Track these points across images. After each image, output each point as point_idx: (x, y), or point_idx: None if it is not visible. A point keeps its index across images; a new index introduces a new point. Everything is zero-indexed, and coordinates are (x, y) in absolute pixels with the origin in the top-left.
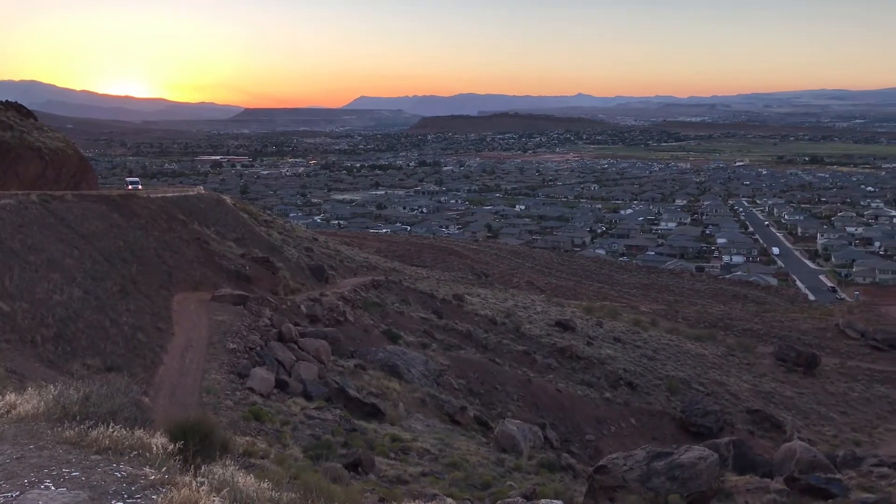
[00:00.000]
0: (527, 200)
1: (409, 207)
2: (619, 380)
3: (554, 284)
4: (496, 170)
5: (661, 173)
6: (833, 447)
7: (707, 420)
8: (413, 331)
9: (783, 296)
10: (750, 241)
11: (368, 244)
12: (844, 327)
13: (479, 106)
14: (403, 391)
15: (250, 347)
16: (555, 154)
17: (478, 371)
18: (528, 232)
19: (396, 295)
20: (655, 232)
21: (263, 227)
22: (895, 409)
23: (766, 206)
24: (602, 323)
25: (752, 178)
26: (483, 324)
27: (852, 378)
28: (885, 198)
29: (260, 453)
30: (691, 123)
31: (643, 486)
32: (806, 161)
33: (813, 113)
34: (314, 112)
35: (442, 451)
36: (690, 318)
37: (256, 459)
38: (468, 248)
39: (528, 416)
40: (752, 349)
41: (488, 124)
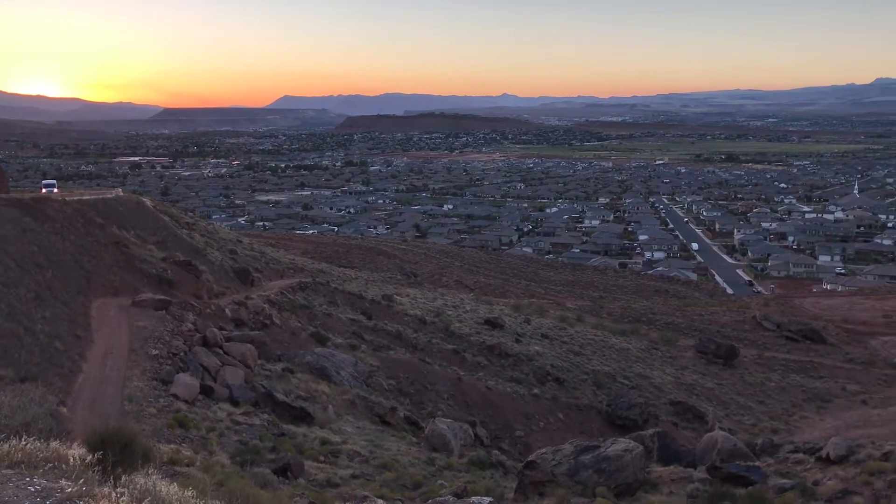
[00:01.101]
0: (454, 200)
1: (336, 208)
2: (546, 376)
3: (482, 283)
4: (423, 169)
5: (584, 172)
6: (752, 436)
7: (632, 413)
8: (342, 332)
9: (703, 290)
10: (670, 237)
11: (295, 245)
12: (761, 320)
13: (404, 105)
14: (333, 393)
15: (174, 353)
16: (481, 154)
17: (408, 371)
18: (457, 231)
19: (324, 296)
20: (580, 230)
21: (185, 229)
22: (809, 397)
23: (685, 203)
24: (530, 320)
25: (672, 177)
26: (413, 324)
27: (769, 368)
28: (797, 194)
29: (185, 461)
30: (613, 123)
31: (571, 480)
32: (722, 159)
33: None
34: (236, 112)
35: (372, 452)
36: (615, 313)
37: (182, 467)
38: (397, 249)
39: (458, 414)
40: (674, 342)
41: (415, 124)
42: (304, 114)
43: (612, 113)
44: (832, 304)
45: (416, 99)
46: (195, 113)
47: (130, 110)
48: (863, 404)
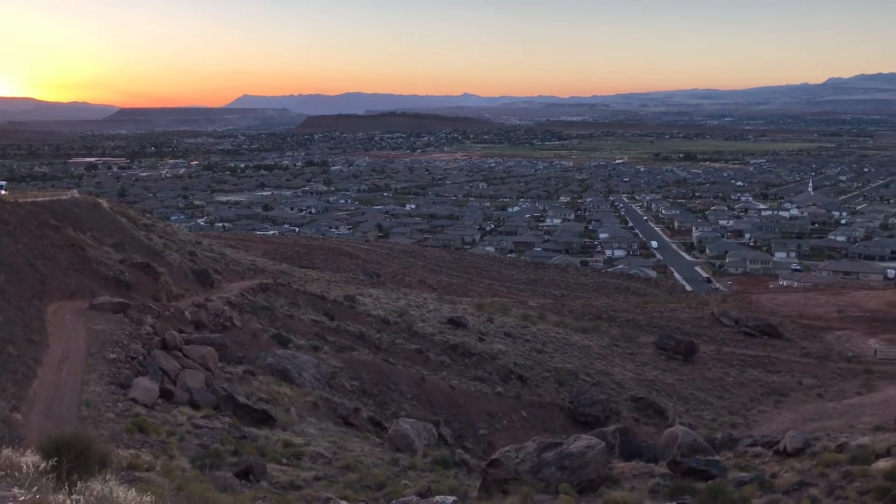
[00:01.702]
0: (417, 199)
1: (297, 208)
2: (510, 374)
3: (445, 282)
4: (385, 169)
5: (545, 171)
6: (712, 430)
7: (594, 409)
8: (304, 334)
9: (662, 287)
10: (630, 235)
11: (255, 246)
12: (719, 316)
13: (365, 105)
14: (295, 395)
15: (132, 357)
16: (443, 153)
17: (371, 372)
18: (419, 231)
19: (286, 298)
20: (542, 228)
21: (143, 231)
22: (767, 391)
23: (644, 201)
24: (493, 319)
25: (631, 175)
26: (376, 324)
27: (728, 364)
28: (753, 192)
29: (145, 466)
30: (573, 123)
31: (535, 477)
32: (680, 158)
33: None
34: (195, 111)
35: (336, 453)
36: (576, 311)
37: (141, 473)
38: (359, 249)
39: (422, 414)
40: (634, 339)
41: (376, 123)
42: (263, 113)
43: (572, 112)
44: (788, 300)
45: (377, 98)
46: (152, 113)
47: (85, 110)
48: (818, 398)
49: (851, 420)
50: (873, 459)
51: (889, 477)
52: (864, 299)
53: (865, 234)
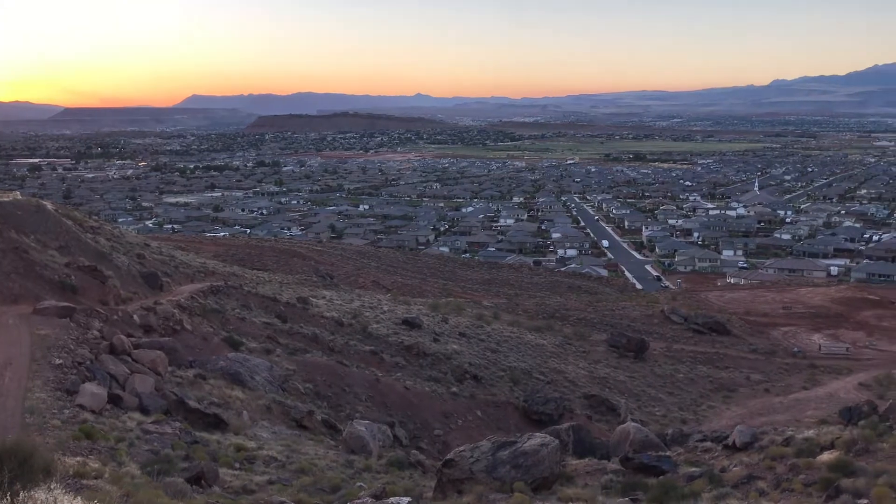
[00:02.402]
0: (370, 200)
1: (248, 209)
2: (464, 374)
3: (400, 283)
4: (338, 169)
5: (498, 172)
6: (663, 426)
7: (548, 407)
8: (256, 336)
9: (613, 286)
10: (582, 234)
11: (205, 248)
12: (669, 313)
13: (317, 105)
14: (247, 399)
15: (79, 362)
16: (396, 153)
17: (325, 374)
18: (373, 231)
19: (237, 300)
20: (495, 228)
21: (90, 233)
22: (716, 387)
23: (595, 201)
24: (447, 319)
25: (583, 176)
26: (329, 326)
27: (678, 360)
28: (701, 191)
29: (93, 473)
30: (525, 123)
31: (490, 476)
32: (630, 158)
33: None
34: (143, 111)
35: (289, 457)
36: (530, 310)
37: (89, 480)
38: (312, 250)
39: (377, 415)
40: (586, 337)
41: (328, 123)
42: (213, 113)
43: (524, 113)
44: (735, 297)
45: (329, 98)
46: (99, 113)
47: (28, 110)
48: (766, 392)
49: (797, 414)
50: (818, 452)
51: (833, 469)
52: (808, 296)
53: (809, 233)
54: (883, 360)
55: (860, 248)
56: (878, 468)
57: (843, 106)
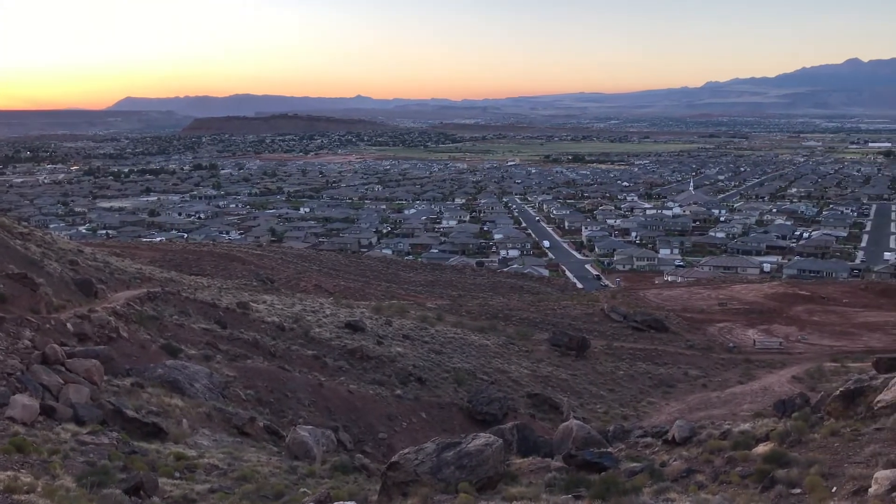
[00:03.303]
0: (311, 203)
1: (186, 213)
2: (409, 376)
3: (342, 286)
4: (277, 172)
5: (440, 173)
6: (604, 423)
7: (492, 407)
8: (195, 343)
9: (555, 285)
10: (523, 235)
11: (141, 254)
12: (609, 311)
13: (256, 107)
14: (187, 407)
15: (9, 373)
16: (337, 155)
17: (266, 380)
18: (314, 235)
19: (175, 307)
20: (438, 230)
21: (19, 240)
22: (656, 383)
23: (536, 202)
24: (391, 321)
25: (523, 177)
26: (270, 331)
27: (618, 358)
28: (638, 192)
29: (24, 488)
30: (466, 125)
31: (434, 478)
32: (569, 159)
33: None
34: (74, 114)
35: (231, 465)
36: (473, 311)
37: (20, 495)
38: (251, 254)
39: (320, 420)
40: (529, 337)
41: (267, 126)
42: (148, 116)
43: (464, 115)
44: (673, 295)
45: (267, 100)
46: (27, 115)
47: None
48: (703, 387)
49: (734, 408)
50: (754, 444)
51: (767, 460)
52: (742, 292)
53: (743, 231)
54: (814, 354)
55: (791, 246)
56: (810, 458)
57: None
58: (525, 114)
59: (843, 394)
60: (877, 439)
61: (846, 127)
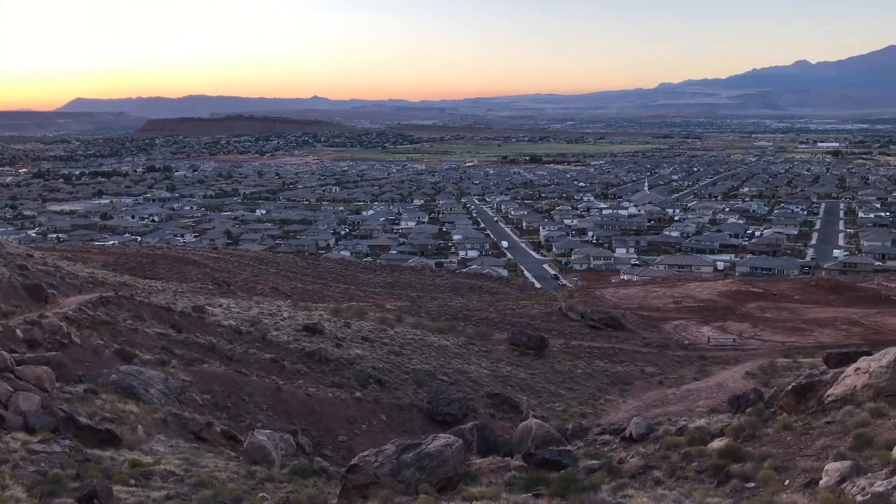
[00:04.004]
0: (267, 204)
1: (139, 216)
2: (368, 378)
3: (300, 289)
4: (233, 174)
5: (398, 174)
6: (563, 421)
7: (452, 408)
8: (150, 348)
9: (514, 285)
10: (482, 236)
11: (94, 258)
12: (567, 310)
13: (210, 108)
14: (142, 413)
15: None
16: (294, 157)
17: (223, 384)
18: (271, 237)
19: (128, 311)
20: (397, 231)
21: None
22: (613, 381)
23: (494, 202)
24: (350, 323)
25: (481, 178)
26: (227, 335)
27: (576, 356)
28: (594, 192)
29: None
30: (424, 126)
31: (394, 480)
32: (527, 160)
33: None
34: (22, 115)
35: (188, 471)
36: (433, 311)
37: None
38: (207, 257)
39: (279, 424)
40: (488, 337)
41: (221, 127)
42: (99, 117)
43: (422, 116)
44: (629, 293)
45: (222, 101)
46: None
47: None
48: (660, 385)
49: (689, 404)
50: (709, 440)
51: (722, 455)
52: (697, 290)
53: (696, 230)
54: (767, 350)
55: (743, 244)
56: (763, 452)
57: (724, 108)
58: (482, 115)
59: (795, 389)
60: (827, 432)
61: (795, 127)
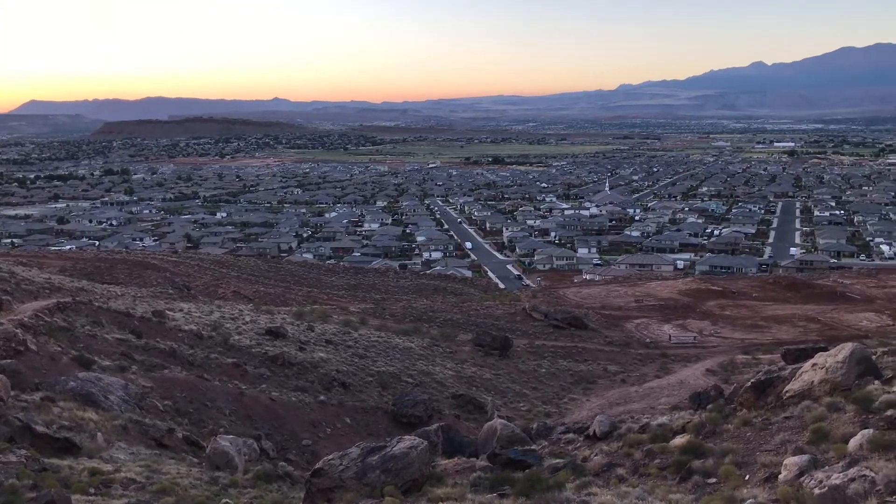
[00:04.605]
0: (228, 207)
1: (97, 220)
2: (332, 381)
3: (262, 292)
4: (193, 176)
5: (361, 176)
6: (528, 421)
7: (417, 410)
8: (109, 354)
9: (478, 286)
10: (446, 237)
11: (50, 263)
12: (531, 310)
13: (169, 110)
14: (101, 420)
15: None
16: (255, 159)
17: (185, 390)
18: (232, 240)
19: (87, 317)
20: (360, 233)
21: None
22: (577, 380)
23: (457, 204)
24: (313, 327)
25: (444, 179)
26: (188, 339)
27: (540, 356)
28: (556, 192)
29: None
30: (386, 128)
31: (360, 483)
32: (489, 161)
33: (493, 117)
34: None
35: (149, 478)
36: (397, 313)
37: None
38: (167, 261)
39: (242, 429)
40: (453, 338)
41: (181, 129)
42: (55, 119)
43: (385, 118)
44: (591, 293)
45: (181, 103)
46: None
47: None
48: (622, 383)
49: (652, 402)
50: (671, 437)
51: (684, 452)
52: (657, 289)
53: (657, 229)
54: (727, 347)
55: (703, 243)
56: (724, 448)
57: (683, 109)
58: (445, 116)
59: (754, 385)
60: (786, 427)
61: (752, 127)
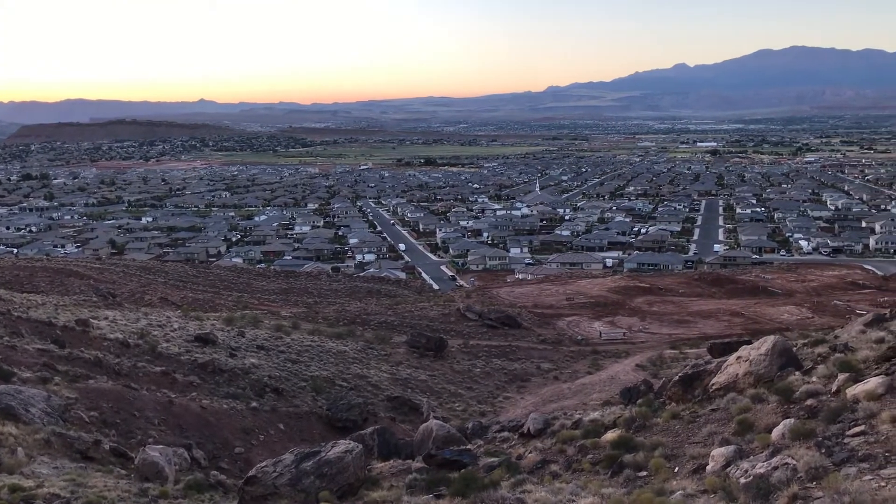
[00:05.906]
0: (154, 212)
1: (15, 227)
2: (265, 387)
3: (191, 298)
4: (116, 180)
5: (291, 178)
6: (463, 420)
7: (352, 414)
8: (30, 365)
9: (412, 287)
10: (379, 239)
11: None
12: (465, 311)
13: (90, 113)
14: (22, 434)
15: None
16: (181, 161)
17: (111, 400)
18: (158, 245)
19: (5, 327)
20: (291, 236)
21: None
22: (511, 378)
23: (390, 205)
24: (244, 332)
25: (377, 180)
26: (114, 348)
27: (474, 356)
28: (488, 193)
29: None
30: (316, 129)
31: (294, 489)
32: (421, 163)
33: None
34: None
35: (74, 492)
36: (330, 317)
37: None
38: (90, 268)
39: (172, 439)
40: (388, 340)
41: (103, 132)
42: None
43: (314, 119)
44: (524, 292)
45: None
46: None
47: None
48: (555, 380)
49: (584, 398)
50: (603, 432)
51: (615, 446)
52: (588, 287)
53: (586, 228)
54: (655, 342)
55: (630, 241)
56: (654, 442)
57: (610, 110)
58: (376, 117)
59: (682, 379)
60: (712, 419)
61: (676, 128)
